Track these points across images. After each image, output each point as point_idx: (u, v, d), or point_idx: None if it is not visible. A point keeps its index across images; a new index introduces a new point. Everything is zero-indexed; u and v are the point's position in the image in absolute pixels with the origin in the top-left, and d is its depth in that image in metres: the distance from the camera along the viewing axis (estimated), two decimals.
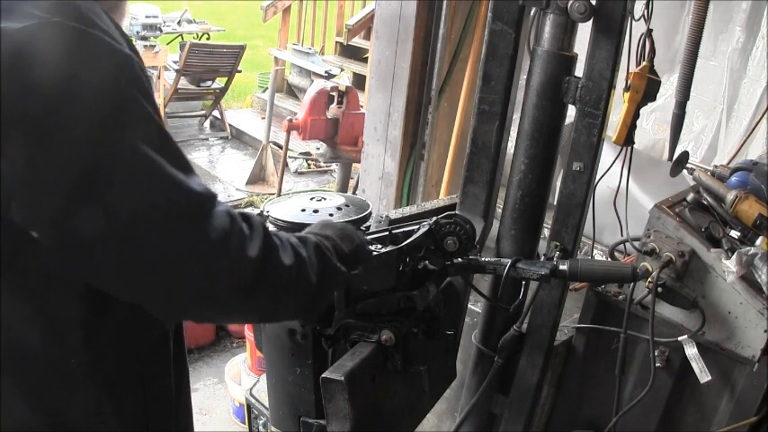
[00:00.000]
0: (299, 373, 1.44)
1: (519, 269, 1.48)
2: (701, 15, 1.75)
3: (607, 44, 1.50)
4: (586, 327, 1.99)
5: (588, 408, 2.09)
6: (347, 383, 1.20)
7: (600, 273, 1.57)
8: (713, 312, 1.76)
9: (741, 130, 2.84)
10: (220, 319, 1.06)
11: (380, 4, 3.08)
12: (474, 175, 1.73)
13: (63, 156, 0.80)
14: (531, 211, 1.70)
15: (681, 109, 1.89)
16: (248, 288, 0.97)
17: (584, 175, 1.60)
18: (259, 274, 0.96)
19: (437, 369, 1.54)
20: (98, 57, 0.83)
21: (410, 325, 1.38)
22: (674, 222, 1.80)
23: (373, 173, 3.24)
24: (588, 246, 2.65)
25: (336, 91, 4.85)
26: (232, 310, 1.06)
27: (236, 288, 0.96)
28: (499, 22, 1.60)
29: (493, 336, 1.82)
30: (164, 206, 0.88)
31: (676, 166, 1.97)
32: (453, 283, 1.64)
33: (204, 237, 0.90)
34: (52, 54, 0.80)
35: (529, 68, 1.63)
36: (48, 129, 0.80)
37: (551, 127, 1.63)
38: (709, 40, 2.82)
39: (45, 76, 0.79)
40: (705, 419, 1.88)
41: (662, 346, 1.85)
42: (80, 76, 0.81)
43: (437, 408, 1.86)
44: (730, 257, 1.72)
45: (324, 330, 1.39)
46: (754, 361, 1.74)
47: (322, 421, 1.41)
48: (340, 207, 1.48)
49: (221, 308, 1.01)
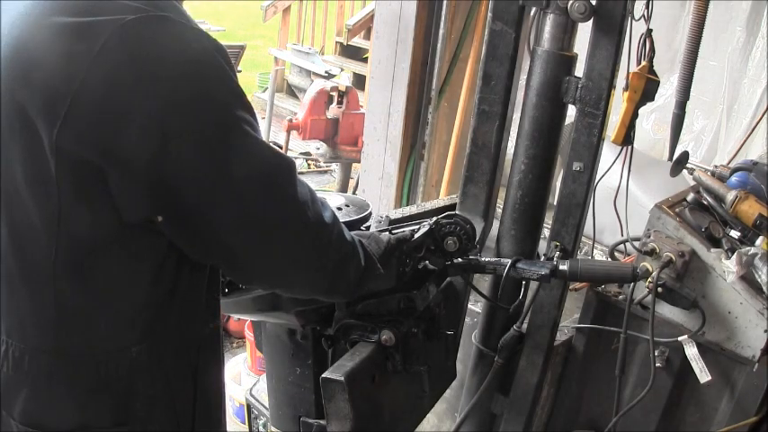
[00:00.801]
0: (300, 373, 1.44)
1: (519, 269, 1.48)
2: (701, 15, 1.75)
3: (607, 44, 1.50)
4: (586, 327, 1.99)
5: (588, 408, 2.08)
6: (347, 383, 1.20)
7: (600, 273, 1.57)
8: (713, 312, 1.76)
9: (741, 130, 2.84)
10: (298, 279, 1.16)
11: (380, 4, 3.08)
12: (474, 175, 1.73)
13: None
14: (531, 211, 1.70)
15: (681, 109, 1.89)
16: (324, 247, 1.10)
17: (584, 175, 1.60)
18: (329, 236, 1.10)
19: (437, 369, 1.54)
20: (208, 45, 0.94)
21: (410, 325, 1.38)
22: (674, 222, 1.80)
23: (373, 173, 3.24)
24: (588, 246, 2.65)
25: (336, 91, 4.85)
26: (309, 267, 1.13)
27: (315, 244, 1.09)
28: (499, 22, 1.60)
29: (493, 336, 1.82)
30: (272, 168, 1.01)
31: (676, 166, 1.97)
32: (453, 283, 1.64)
33: (296, 198, 1.03)
34: (174, 43, 0.90)
35: (529, 68, 1.63)
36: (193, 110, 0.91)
37: (551, 127, 1.63)
38: (710, 40, 2.81)
39: (171, 64, 0.89)
40: (705, 419, 1.88)
41: (662, 346, 1.85)
42: (202, 61, 0.92)
43: (437, 408, 1.86)
44: (730, 257, 1.72)
45: (324, 330, 1.39)
46: (754, 361, 1.74)
47: (322, 421, 1.41)
48: (340, 207, 1.48)
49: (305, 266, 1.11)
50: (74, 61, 0.87)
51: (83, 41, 0.87)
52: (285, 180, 1.03)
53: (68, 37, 0.88)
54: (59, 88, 0.87)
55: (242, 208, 0.98)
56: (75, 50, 0.87)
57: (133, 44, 0.88)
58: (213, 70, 0.94)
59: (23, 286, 1.00)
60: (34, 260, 0.97)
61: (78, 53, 0.87)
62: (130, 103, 0.88)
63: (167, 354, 1.08)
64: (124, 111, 0.88)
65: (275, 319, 1.45)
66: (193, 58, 0.92)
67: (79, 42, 0.87)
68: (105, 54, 0.86)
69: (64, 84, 0.87)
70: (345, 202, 1.50)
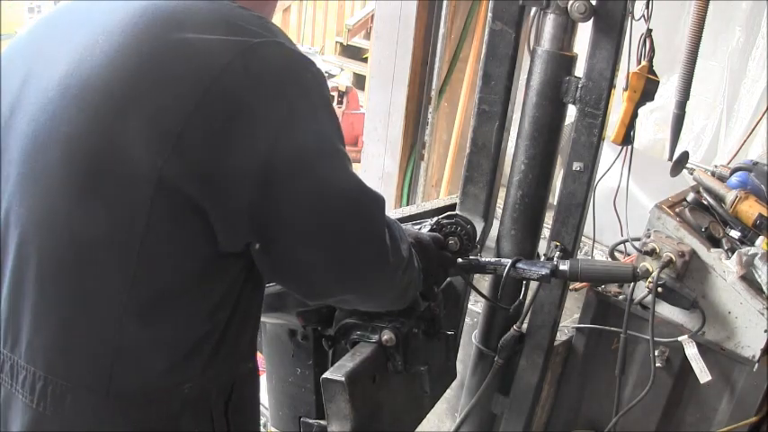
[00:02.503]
0: (300, 373, 1.44)
1: (519, 269, 1.48)
2: (701, 15, 1.75)
3: (607, 44, 1.50)
4: (586, 327, 1.99)
5: (588, 408, 2.08)
6: (348, 384, 1.20)
7: (600, 273, 1.56)
8: (713, 312, 1.76)
9: (741, 130, 2.84)
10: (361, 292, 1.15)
11: (380, 4, 3.09)
12: (474, 175, 1.73)
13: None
14: (530, 211, 1.70)
15: (681, 109, 1.88)
16: (398, 284, 1.13)
17: (584, 175, 1.60)
18: (404, 272, 1.11)
19: (437, 369, 1.54)
20: (317, 71, 0.95)
21: (411, 325, 1.38)
22: (674, 222, 1.80)
23: (373, 173, 3.24)
24: (588, 246, 2.65)
25: (336, 91, 4.86)
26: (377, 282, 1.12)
27: (394, 282, 1.11)
28: (499, 22, 1.60)
29: (493, 336, 1.82)
30: (356, 192, 0.99)
31: (676, 166, 1.97)
32: (453, 283, 1.64)
33: (384, 235, 1.02)
34: (293, 69, 0.92)
35: (529, 68, 1.63)
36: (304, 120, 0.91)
37: (551, 127, 1.63)
38: (709, 40, 2.81)
39: (291, 90, 0.90)
40: (705, 419, 1.88)
41: (662, 346, 1.85)
42: (314, 90, 0.93)
43: (437, 408, 1.86)
44: (730, 257, 1.72)
45: (324, 331, 1.39)
46: (754, 361, 1.74)
47: (322, 422, 1.41)
48: None
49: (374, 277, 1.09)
50: (187, 83, 0.85)
51: (199, 64, 0.85)
52: (378, 216, 1.02)
53: (184, 58, 0.86)
54: (171, 110, 0.84)
55: (335, 241, 0.96)
56: (190, 71, 0.85)
57: (255, 68, 0.86)
58: (324, 100, 0.94)
59: (80, 323, 0.94)
60: (98, 298, 0.92)
61: (194, 74, 0.85)
62: (244, 128, 0.86)
63: (214, 389, 1.04)
64: (239, 135, 0.85)
65: (276, 320, 1.45)
66: (308, 86, 0.92)
67: (195, 63, 0.85)
68: (227, 76, 0.84)
69: (176, 105, 0.84)
70: None
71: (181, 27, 0.88)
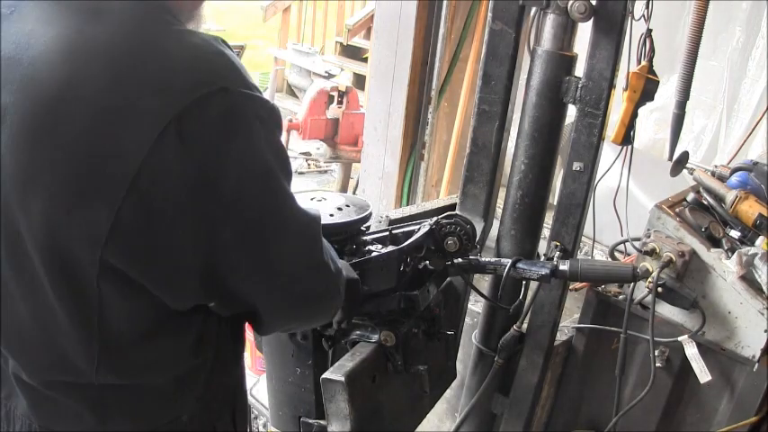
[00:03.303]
0: (300, 373, 1.44)
1: (519, 269, 1.48)
2: (701, 15, 1.75)
3: (607, 44, 1.50)
4: (586, 327, 1.99)
5: (588, 408, 2.08)
6: (347, 384, 1.20)
7: (600, 273, 1.57)
8: (713, 312, 1.76)
9: (741, 130, 2.84)
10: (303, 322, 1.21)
11: (380, 4, 3.08)
12: (474, 175, 1.73)
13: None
14: (530, 211, 1.70)
15: (681, 109, 1.88)
16: (335, 300, 1.13)
17: (584, 175, 1.60)
18: (339, 289, 1.12)
19: (437, 369, 1.55)
20: (274, 113, 0.92)
21: (410, 325, 1.38)
22: (674, 222, 1.80)
23: (373, 173, 3.23)
24: (588, 246, 2.65)
25: (336, 91, 4.85)
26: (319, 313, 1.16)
27: (335, 303, 1.13)
28: (499, 22, 1.60)
29: (493, 336, 1.82)
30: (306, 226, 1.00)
31: (676, 166, 1.97)
32: (453, 283, 1.64)
33: (324, 261, 1.04)
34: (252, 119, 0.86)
35: (529, 68, 1.63)
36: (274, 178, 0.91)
37: (551, 127, 1.63)
38: (709, 40, 2.81)
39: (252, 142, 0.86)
40: (705, 419, 1.88)
41: (662, 346, 1.85)
42: (274, 134, 0.91)
43: (437, 408, 1.86)
44: (730, 257, 1.72)
45: (324, 331, 1.39)
46: (754, 361, 1.74)
47: (322, 422, 1.41)
48: (340, 207, 1.47)
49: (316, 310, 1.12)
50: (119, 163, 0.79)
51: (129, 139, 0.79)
52: (317, 244, 1.02)
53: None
54: (114, 173, 0.79)
55: (285, 280, 0.98)
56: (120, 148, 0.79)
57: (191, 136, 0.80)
58: (281, 151, 0.92)
59: (61, 387, 0.96)
60: (73, 367, 0.93)
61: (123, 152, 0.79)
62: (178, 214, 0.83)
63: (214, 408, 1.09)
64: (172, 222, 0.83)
65: None
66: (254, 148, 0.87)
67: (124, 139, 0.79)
68: (158, 153, 0.79)
69: (107, 191, 0.79)
70: (345, 203, 1.50)
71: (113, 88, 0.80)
